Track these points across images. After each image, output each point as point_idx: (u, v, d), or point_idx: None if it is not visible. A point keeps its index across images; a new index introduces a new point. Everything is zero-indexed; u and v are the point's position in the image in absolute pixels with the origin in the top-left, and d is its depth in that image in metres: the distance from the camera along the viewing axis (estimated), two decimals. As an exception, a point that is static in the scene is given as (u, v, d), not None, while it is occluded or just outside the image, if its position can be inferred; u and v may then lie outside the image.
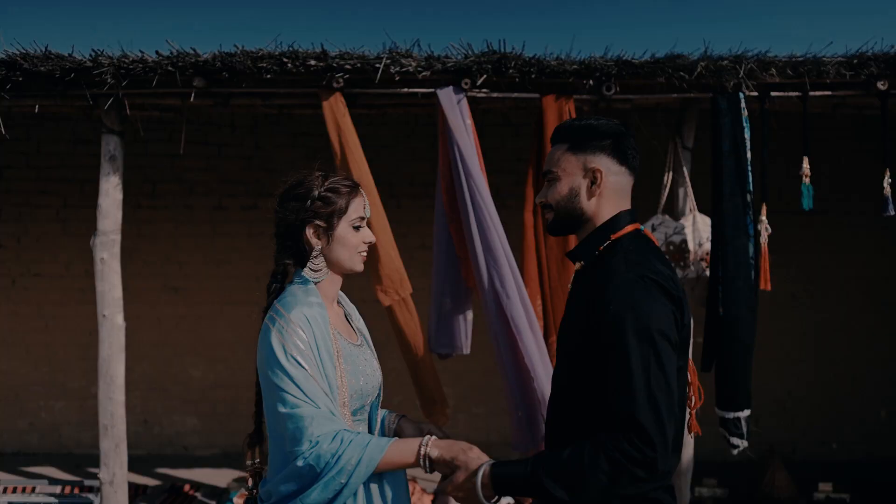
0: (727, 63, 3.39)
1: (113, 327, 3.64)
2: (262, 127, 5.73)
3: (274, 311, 1.70)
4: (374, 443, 1.63)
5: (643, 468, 1.47)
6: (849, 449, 5.72)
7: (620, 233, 1.70)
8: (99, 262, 3.62)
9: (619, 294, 1.55)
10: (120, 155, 3.65)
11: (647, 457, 1.46)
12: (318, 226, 1.77)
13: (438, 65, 3.33)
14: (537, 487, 1.53)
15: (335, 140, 3.38)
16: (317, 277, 1.78)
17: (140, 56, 3.26)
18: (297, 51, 3.27)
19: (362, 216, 1.83)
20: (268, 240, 6.04)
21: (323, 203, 1.77)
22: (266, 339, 1.67)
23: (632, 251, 1.65)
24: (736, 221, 3.41)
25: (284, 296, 1.74)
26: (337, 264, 1.81)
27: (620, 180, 1.73)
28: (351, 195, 1.81)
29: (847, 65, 3.46)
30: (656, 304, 1.54)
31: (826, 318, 5.76)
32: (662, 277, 1.59)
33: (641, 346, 1.50)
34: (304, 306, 1.69)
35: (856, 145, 5.67)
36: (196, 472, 5.30)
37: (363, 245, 1.84)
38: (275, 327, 1.66)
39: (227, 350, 5.74)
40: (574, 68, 3.35)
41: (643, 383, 1.48)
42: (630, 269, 1.59)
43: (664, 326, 1.53)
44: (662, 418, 1.48)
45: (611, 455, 1.47)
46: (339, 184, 1.81)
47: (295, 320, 1.66)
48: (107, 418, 3.64)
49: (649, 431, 1.46)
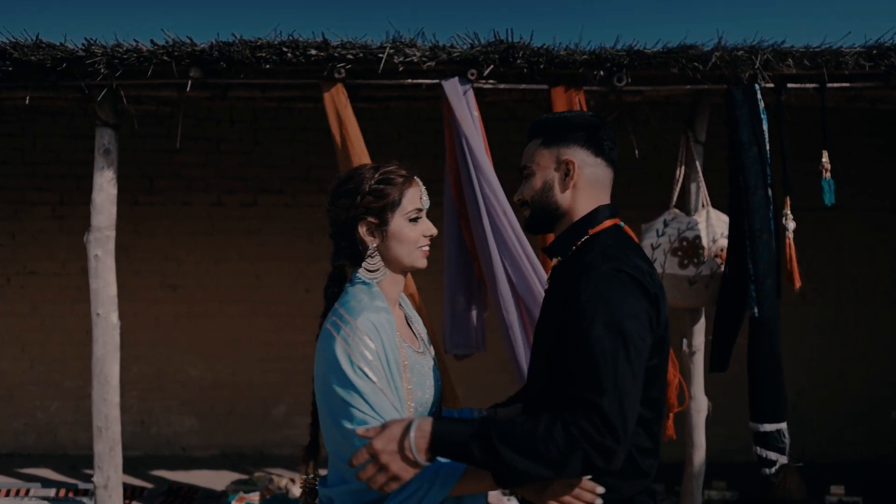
0: (742, 53, 3.28)
1: (107, 326, 3.53)
2: (261, 121, 5.64)
3: (337, 317, 1.57)
4: (448, 469, 1.50)
5: (600, 454, 1.38)
6: (858, 449, 5.65)
7: (599, 227, 1.64)
8: (93, 258, 3.51)
9: (592, 286, 1.48)
10: (115, 149, 3.53)
11: (606, 444, 1.37)
12: (371, 222, 1.65)
13: (444, 55, 3.21)
14: (485, 450, 1.39)
15: (336, 132, 3.26)
16: (374, 278, 1.66)
17: (134, 45, 3.14)
18: (297, 40, 3.15)
19: (419, 207, 1.69)
20: (267, 237, 5.96)
21: (374, 197, 1.65)
22: (329, 348, 1.54)
23: (610, 246, 1.59)
24: (761, 215, 3.26)
25: (347, 300, 1.61)
26: (396, 262, 1.69)
27: (597, 172, 1.68)
28: (405, 185, 1.67)
29: (866, 55, 3.34)
30: (629, 299, 1.47)
31: (836, 317, 5.68)
32: (639, 273, 1.52)
33: (610, 337, 1.43)
34: (370, 312, 1.57)
35: (867, 141, 5.62)
36: (194, 474, 5.22)
37: (423, 239, 1.70)
38: (339, 335, 1.53)
39: (226, 349, 5.65)
40: (584, 59, 3.23)
41: (610, 374, 1.40)
42: (606, 263, 1.52)
43: (636, 322, 1.46)
44: (626, 414, 1.39)
45: (568, 429, 1.38)
46: (392, 174, 1.67)
47: (362, 328, 1.53)
48: (101, 420, 3.53)
49: (611, 419, 1.37)
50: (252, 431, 5.64)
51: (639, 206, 4.88)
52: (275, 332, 5.65)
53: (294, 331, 5.64)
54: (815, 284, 5.62)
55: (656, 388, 1.59)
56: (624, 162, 4.63)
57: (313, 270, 5.65)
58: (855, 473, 5.12)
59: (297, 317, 5.64)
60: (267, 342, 5.66)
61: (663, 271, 3.66)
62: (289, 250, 5.66)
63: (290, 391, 5.63)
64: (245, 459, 5.55)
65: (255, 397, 5.64)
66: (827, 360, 5.65)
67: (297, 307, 5.64)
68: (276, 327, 5.65)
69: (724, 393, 4.29)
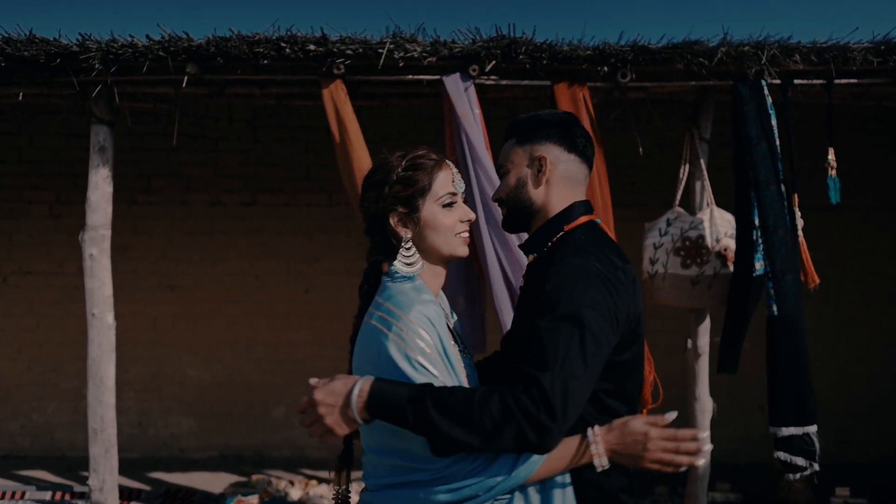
0: (749, 49, 3.22)
1: (103, 327, 3.47)
2: (260, 120, 5.59)
3: (384, 313, 1.47)
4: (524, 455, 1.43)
5: (534, 429, 1.34)
6: (863, 451, 5.59)
7: (573, 224, 1.64)
8: (88, 258, 3.45)
9: (558, 277, 1.48)
10: (110, 146, 3.48)
11: (541, 419, 1.33)
12: (401, 212, 1.57)
13: (445, 50, 3.15)
14: (418, 414, 1.36)
15: (335, 130, 3.21)
16: (412, 272, 1.56)
17: (130, 40, 3.08)
18: (295, 35, 3.09)
19: (453, 191, 1.59)
20: (266, 236, 5.90)
21: (403, 185, 1.56)
22: (380, 347, 1.44)
23: (584, 241, 1.58)
24: (776, 211, 3.19)
25: (391, 294, 1.51)
26: (433, 252, 1.59)
27: (570, 168, 1.67)
28: (435, 169, 1.58)
29: (874, 51, 3.28)
30: (591, 290, 1.45)
31: (840, 316, 5.62)
32: (609, 267, 1.51)
33: (566, 324, 1.41)
34: (419, 304, 1.48)
35: (871, 139, 5.57)
36: (192, 476, 5.17)
37: (460, 225, 1.60)
38: (392, 332, 1.44)
39: (225, 349, 5.61)
40: (588, 54, 3.17)
41: (559, 355, 1.37)
42: (576, 257, 1.52)
43: (595, 312, 1.43)
44: (568, 396, 1.36)
45: (505, 399, 1.35)
46: (420, 159, 1.58)
47: (415, 321, 1.44)
48: (96, 422, 3.48)
49: (550, 395, 1.34)
50: (251, 433, 5.59)
51: (642, 205, 4.84)
52: (274, 333, 5.60)
53: (293, 331, 5.60)
54: (820, 283, 5.56)
55: (630, 383, 1.58)
56: (627, 160, 4.63)
57: (313, 270, 5.61)
58: (860, 475, 5.06)
59: (297, 317, 5.59)
60: (266, 343, 5.61)
61: (665, 271, 3.60)
62: (288, 250, 5.61)
63: (289, 392, 5.58)
64: (244, 461, 5.50)
65: (255, 398, 5.59)
66: (831, 361, 5.58)
67: (297, 307, 5.59)
68: (275, 328, 5.60)
69: (728, 393, 4.23)
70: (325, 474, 5.08)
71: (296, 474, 5.17)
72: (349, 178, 3.18)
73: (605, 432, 1.46)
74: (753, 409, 5.52)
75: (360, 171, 3.13)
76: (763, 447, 5.16)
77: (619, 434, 1.45)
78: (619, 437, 1.45)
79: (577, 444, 1.46)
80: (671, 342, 5.26)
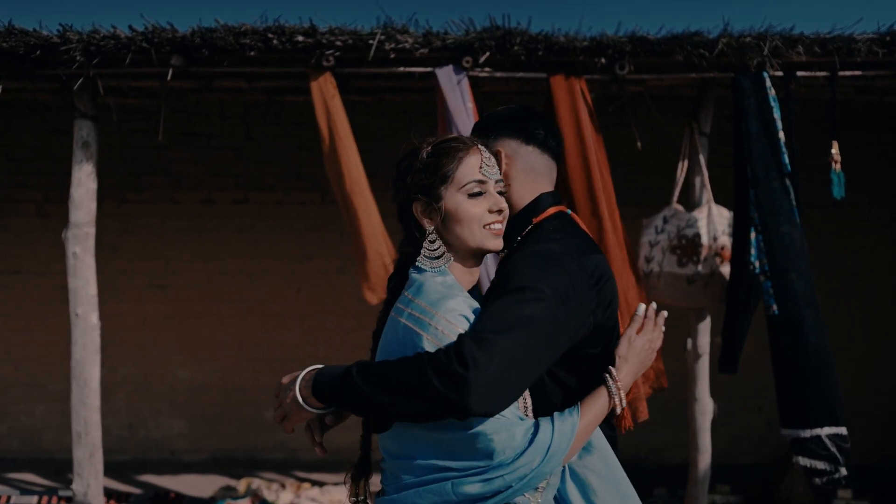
0: (750, 40, 3.14)
1: (87, 327, 3.38)
2: (252, 116, 5.50)
3: (416, 311, 1.40)
4: (558, 430, 1.38)
5: (449, 380, 1.26)
6: (864, 452, 5.50)
7: (542, 216, 1.61)
8: (71, 256, 3.36)
9: (516, 261, 1.46)
10: (94, 141, 3.38)
11: (454, 370, 1.26)
12: (424, 201, 1.48)
13: (437, 41, 3.07)
14: (347, 386, 1.36)
15: (323, 124, 3.11)
16: (436, 266, 1.47)
17: (112, 32, 2.99)
18: (283, 26, 3.00)
19: (480, 179, 1.48)
20: (259, 235, 5.79)
21: (426, 173, 1.47)
22: (411, 347, 1.36)
23: (552, 231, 1.56)
24: (776, 208, 3.10)
25: (423, 289, 1.42)
26: (460, 245, 1.49)
27: (530, 160, 1.64)
28: (459, 155, 1.47)
29: (879, 42, 3.20)
30: (550, 271, 1.41)
31: (841, 315, 5.51)
32: (573, 252, 1.47)
33: (509, 296, 1.37)
34: (453, 300, 1.40)
35: (872, 136, 5.50)
36: (182, 480, 5.07)
37: (489, 215, 1.48)
38: (428, 332, 1.36)
39: (216, 350, 5.52)
40: (585, 45, 3.09)
41: (492, 324, 1.32)
42: (539, 243, 1.50)
43: (549, 289, 1.37)
44: (493, 351, 1.28)
45: (420, 357, 1.32)
46: (445, 144, 1.49)
47: (451, 318, 1.36)
48: (80, 425, 3.38)
49: (464, 350, 1.27)
50: (243, 435, 5.50)
51: (640, 202, 4.76)
52: (266, 333, 5.52)
53: (286, 331, 5.51)
54: (819, 283, 5.45)
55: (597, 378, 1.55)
56: (625, 157, 4.54)
57: (306, 269, 5.53)
58: (862, 477, 4.97)
59: (290, 317, 5.51)
60: (258, 343, 5.52)
61: (661, 270, 3.52)
62: (281, 249, 5.52)
63: None
64: (236, 464, 5.40)
65: (246, 400, 5.50)
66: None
67: (290, 307, 5.51)
68: (267, 328, 5.52)
69: (728, 392, 4.15)
70: (317, 477, 4.99)
71: (288, 477, 5.08)
72: (336, 174, 3.08)
73: (619, 374, 1.50)
74: (753, 409, 5.44)
75: (348, 167, 3.04)
76: (763, 447, 5.07)
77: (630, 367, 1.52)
78: (630, 369, 1.52)
79: (602, 400, 1.47)
80: (670, 340, 5.20)
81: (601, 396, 1.47)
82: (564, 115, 3.10)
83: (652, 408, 4.77)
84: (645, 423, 2.92)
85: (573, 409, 1.43)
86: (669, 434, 5.10)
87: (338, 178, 3.07)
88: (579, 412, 1.43)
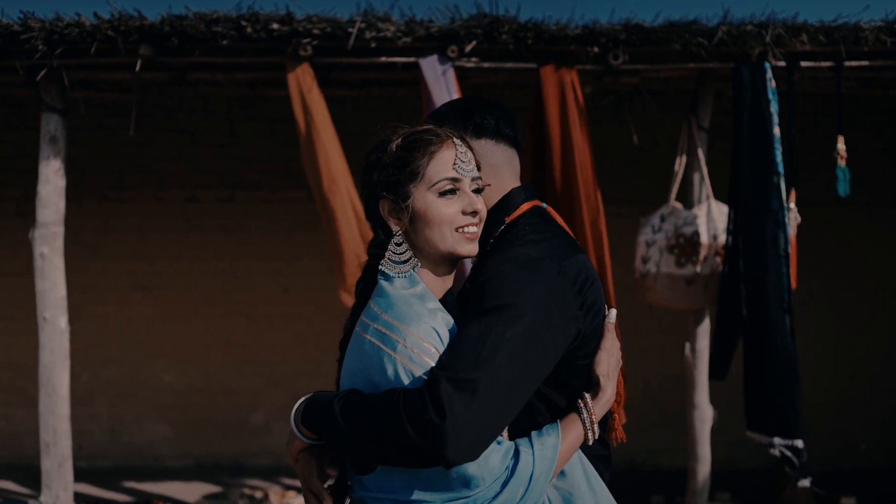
0: (752, 28, 2.99)
1: (55, 331, 3.25)
2: (236, 111, 5.35)
3: (384, 327, 1.26)
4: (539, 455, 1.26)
5: (422, 430, 1.14)
6: (869, 457, 5.40)
7: (516, 213, 1.46)
8: (38, 257, 3.22)
9: (491, 270, 1.30)
10: (62, 136, 3.24)
11: (429, 419, 1.13)
12: (391, 200, 1.33)
13: (421, 30, 2.92)
14: (329, 421, 1.25)
15: (300, 118, 2.96)
16: (400, 272, 1.33)
17: (76, 19, 2.83)
18: (257, 13, 2.86)
19: (454, 177, 1.32)
20: (245, 234, 5.60)
21: (393, 168, 1.32)
22: (383, 368, 1.24)
23: (528, 232, 1.40)
24: (759, 208, 3.00)
25: (390, 302, 1.29)
26: (430, 250, 1.34)
27: (487, 155, 1.46)
28: (431, 149, 1.32)
29: (888, 30, 3.06)
30: (530, 282, 1.27)
31: (843, 316, 5.44)
32: (554, 256, 1.33)
33: (489, 318, 1.22)
34: (426, 316, 1.26)
35: (874, 132, 5.38)
36: (166, 486, 4.95)
37: (463, 217, 1.33)
38: (396, 353, 1.23)
39: (201, 353, 5.38)
40: (577, 33, 2.94)
41: (469, 353, 1.18)
42: (515, 247, 1.35)
43: (533, 306, 1.24)
44: (476, 394, 1.15)
45: (391, 396, 1.19)
46: (416, 137, 1.34)
47: (422, 336, 1.24)
48: (49, 434, 3.24)
49: (441, 393, 1.14)
50: (228, 440, 5.36)
51: (637, 200, 4.63)
52: (253, 335, 5.38)
53: (273, 333, 5.38)
54: (821, 283, 5.39)
55: (579, 381, 1.41)
56: (621, 154, 4.38)
57: (293, 270, 5.39)
58: (867, 482, 4.88)
59: (277, 318, 5.37)
60: (244, 345, 5.38)
61: (658, 270, 3.38)
62: (267, 248, 5.38)
63: (269, 397, 5.35)
64: (221, 470, 5.27)
65: (232, 404, 5.37)
66: (834, 363, 5.41)
67: (277, 308, 5.37)
68: (254, 329, 5.38)
69: (727, 397, 4.01)
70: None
71: (274, 483, 4.95)
72: (313, 172, 2.93)
73: (594, 405, 1.35)
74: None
75: (327, 164, 2.89)
76: (764, 453, 4.92)
77: (612, 385, 1.38)
78: (612, 389, 1.38)
79: (578, 428, 1.33)
80: (667, 343, 5.06)
81: (578, 424, 1.34)
82: (553, 111, 2.96)
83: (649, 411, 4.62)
84: (642, 427, 2.79)
85: (552, 428, 1.30)
86: (667, 438, 4.98)
87: (315, 175, 2.92)
88: (559, 434, 1.29)
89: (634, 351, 5.18)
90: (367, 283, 1.40)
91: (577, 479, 1.36)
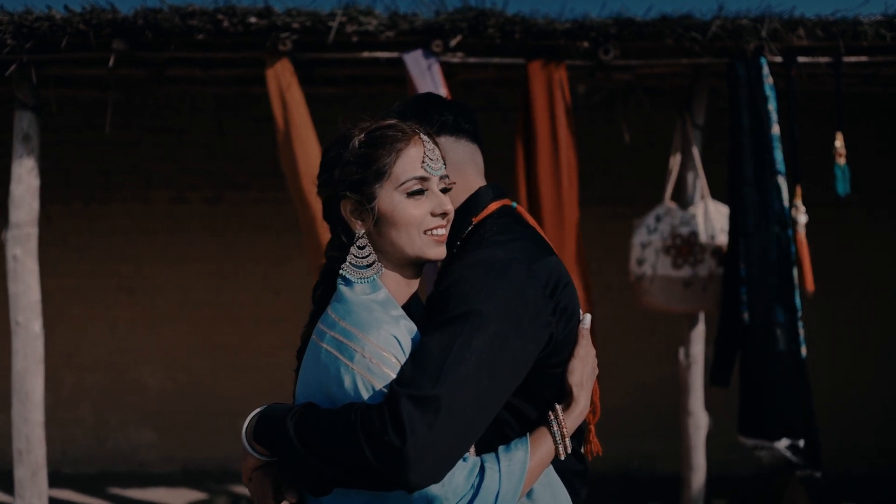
0: (747, 22, 2.90)
1: (28, 336, 3.13)
2: (224, 111, 5.26)
3: (341, 335, 1.18)
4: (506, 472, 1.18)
5: (382, 453, 1.06)
6: (869, 461, 5.32)
7: (484, 213, 1.38)
8: (11, 259, 3.11)
9: (456, 274, 1.23)
10: (35, 134, 3.14)
11: (389, 441, 1.05)
12: (354, 200, 1.25)
13: (405, 24, 2.83)
14: (282, 438, 1.17)
15: (279, 115, 2.86)
16: (362, 276, 1.24)
17: (46, 13, 2.73)
18: (234, 7, 2.76)
19: (422, 176, 1.24)
20: (233, 235, 5.47)
21: (357, 166, 1.23)
22: (340, 379, 1.16)
23: (495, 233, 1.33)
24: (760, 209, 2.91)
25: (351, 309, 1.21)
26: (395, 254, 1.26)
27: (448, 153, 1.38)
28: (398, 146, 1.23)
29: (887, 25, 2.97)
30: (497, 287, 1.19)
31: (843, 318, 5.35)
32: (522, 259, 1.24)
33: (453, 328, 1.14)
34: (387, 324, 1.18)
35: (873, 132, 5.30)
36: (152, 493, 4.87)
37: (431, 219, 1.26)
38: (354, 363, 1.15)
39: (188, 356, 5.29)
40: (566, 28, 2.85)
41: (433, 368, 1.10)
42: (481, 249, 1.28)
43: (501, 314, 1.16)
44: (439, 412, 1.07)
45: (348, 418, 1.10)
46: (381, 133, 1.25)
47: (381, 344, 1.16)
48: (22, 442, 3.13)
49: (402, 413, 1.06)
50: (216, 446, 5.26)
51: (631, 201, 4.53)
52: (241, 338, 5.30)
53: (262, 336, 5.29)
54: (821, 284, 5.27)
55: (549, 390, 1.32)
56: (614, 153, 4.27)
57: (282, 272, 5.30)
58: (866, 487, 4.81)
59: (265, 321, 5.28)
60: (232, 348, 5.29)
61: (654, 273, 3.28)
62: (256, 250, 5.30)
63: (257, 401, 5.07)
64: (208, 476, 5.18)
65: (220, 408, 5.27)
66: (835, 365, 5.32)
67: (265, 310, 5.28)
68: (242, 332, 5.30)
69: (723, 402, 3.92)
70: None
71: (262, 490, 4.85)
72: (291, 171, 2.83)
73: (565, 417, 1.26)
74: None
75: (306, 163, 2.80)
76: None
77: (586, 396, 1.28)
78: (587, 399, 1.28)
79: (549, 442, 1.24)
80: (663, 346, 4.97)
81: (548, 438, 1.25)
82: (540, 110, 2.87)
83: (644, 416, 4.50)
84: (637, 432, 2.69)
85: (520, 443, 1.21)
86: (661, 443, 4.88)
87: (293, 175, 2.82)
88: (528, 449, 1.20)
89: (629, 354, 5.12)
90: (325, 288, 1.31)
91: (545, 500, 1.27)
